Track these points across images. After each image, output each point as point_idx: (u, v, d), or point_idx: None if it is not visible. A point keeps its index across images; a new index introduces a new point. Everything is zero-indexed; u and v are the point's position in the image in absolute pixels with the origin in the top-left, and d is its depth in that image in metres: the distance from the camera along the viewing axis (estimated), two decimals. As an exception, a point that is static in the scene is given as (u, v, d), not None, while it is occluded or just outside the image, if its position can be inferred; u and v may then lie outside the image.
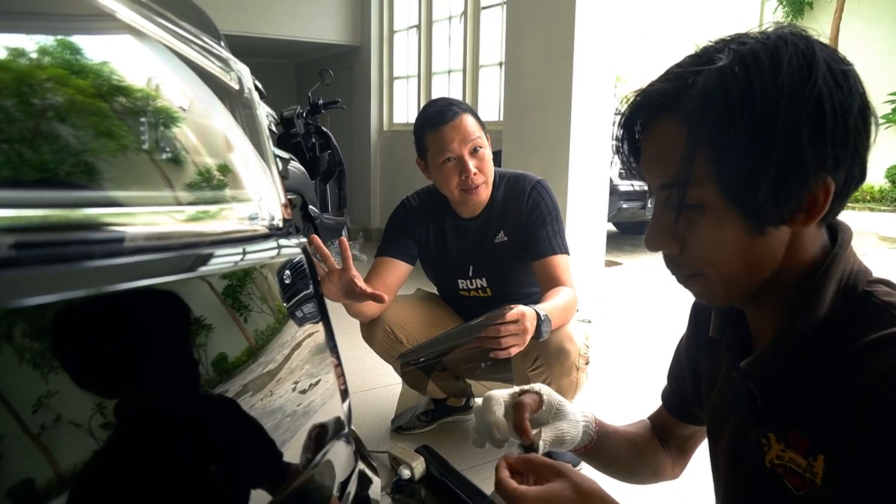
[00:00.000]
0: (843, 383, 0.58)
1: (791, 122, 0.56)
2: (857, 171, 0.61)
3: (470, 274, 1.97)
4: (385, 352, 1.95)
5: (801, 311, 0.63)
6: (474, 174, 1.79)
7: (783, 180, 0.57)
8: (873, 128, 0.61)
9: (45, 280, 0.34)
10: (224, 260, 0.45)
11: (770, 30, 0.61)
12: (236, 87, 0.57)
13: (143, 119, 0.45)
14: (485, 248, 1.94)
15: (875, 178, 11.12)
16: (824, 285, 0.62)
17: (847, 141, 0.58)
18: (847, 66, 0.60)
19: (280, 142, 5.11)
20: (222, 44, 0.58)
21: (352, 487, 0.72)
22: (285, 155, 4.65)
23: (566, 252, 1.86)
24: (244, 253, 0.47)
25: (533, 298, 1.81)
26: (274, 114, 1.03)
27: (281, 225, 0.56)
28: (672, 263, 0.68)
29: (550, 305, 1.67)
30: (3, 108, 0.39)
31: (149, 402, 0.39)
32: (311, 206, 4.71)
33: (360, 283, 1.56)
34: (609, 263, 4.46)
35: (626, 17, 3.91)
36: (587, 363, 1.80)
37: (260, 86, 0.88)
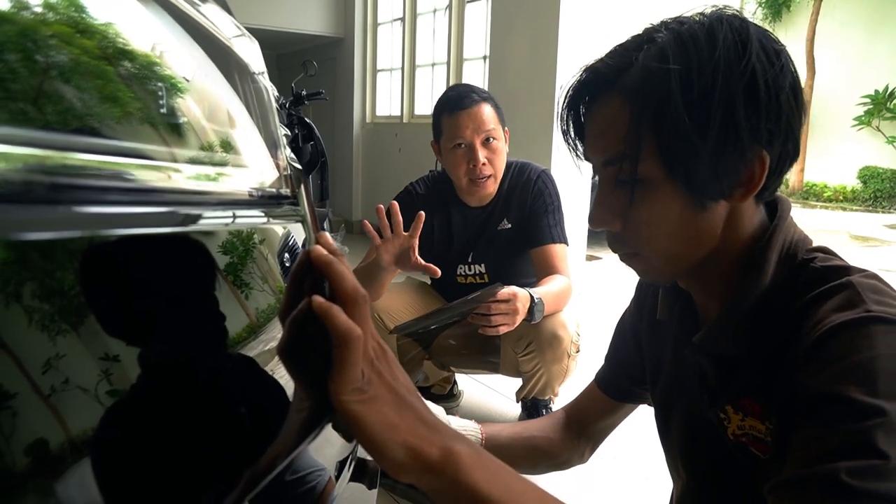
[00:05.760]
0: (786, 345, 0.60)
1: (727, 95, 0.58)
2: (791, 148, 0.63)
3: (469, 259, 1.97)
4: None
5: (746, 283, 0.64)
6: (483, 164, 1.79)
7: (721, 152, 0.59)
8: (804, 108, 0.63)
9: (47, 219, 0.34)
10: (243, 221, 0.46)
11: (708, 11, 0.63)
12: (244, 57, 0.56)
13: (150, 84, 0.45)
14: (487, 234, 1.95)
15: (847, 178, 11.37)
16: (766, 255, 0.64)
17: (780, 116, 0.60)
18: (779, 45, 0.62)
19: (262, 132, 5.05)
20: (232, 16, 0.58)
21: (349, 468, 0.72)
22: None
23: (565, 242, 1.88)
24: (267, 215, 0.48)
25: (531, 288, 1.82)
26: (274, 88, 1.04)
27: (289, 194, 0.56)
28: (615, 241, 0.69)
29: (545, 290, 1.69)
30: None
31: (151, 339, 0.39)
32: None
33: (416, 253, 1.52)
34: (589, 258, 4.51)
35: (611, 15, 3.93)
36: (578, 351, 1.82)
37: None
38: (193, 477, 0.41)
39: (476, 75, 5.35)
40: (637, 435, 1.46)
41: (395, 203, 1.50)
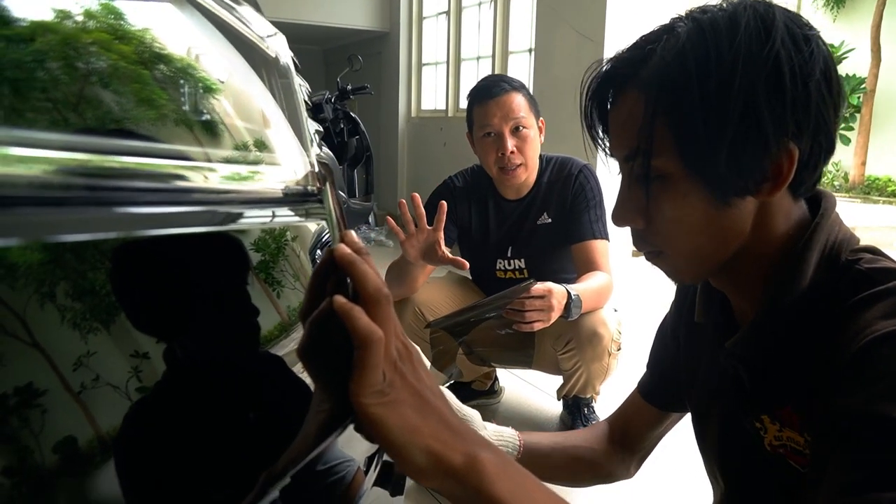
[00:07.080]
0: (826, 353, 0.55)
1: (747, 85, 0.54)
2: (824, 140, 0.58)
3: (508, 254, 1.96)
4: (413, 332, 1.95)
5: (783, 285, 0.61)
6: (511, 153, 1.77)
7: (742, 146, 0.56)
8: (840, 97, 0.58)
9: (85, 221, 0.35)
10: (277, 220, 0.47)
11: None
12: (273, 55, 0.58)
13: (185, 87, 0.46)
14: (526, 229, 1.93)
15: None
16: (806, 256, 0.60)
17: (809, 106, 0.56)
18: (811, 30, 0.57)
19: (308, 127, 5.13)
20: (262, 14, 0.59)
21: (376, 466, 0.72)
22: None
23: (606, 238, 1.84)
24: (301, 213, 0.48)
25: (570, 284, 1.80)
26: (308, 85, 1.06)
27: (315, 192, 0.57)
28: (639, 239, 0.66)
29: (583, 287, 1.66)
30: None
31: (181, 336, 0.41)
32: (338, 191, 4.73)
33: (443, 246, 1.52)
34: (635, 254, 4.42)
35: (659, 4, 3.84)
36: (619, 349, 1.79)
37: (295, 59, 0.89)
38: (213, 473, 0.42)
39: (521, 68, 5.30)
40: (678, 439, 1.43)
41: (416, 196, 1.49)
